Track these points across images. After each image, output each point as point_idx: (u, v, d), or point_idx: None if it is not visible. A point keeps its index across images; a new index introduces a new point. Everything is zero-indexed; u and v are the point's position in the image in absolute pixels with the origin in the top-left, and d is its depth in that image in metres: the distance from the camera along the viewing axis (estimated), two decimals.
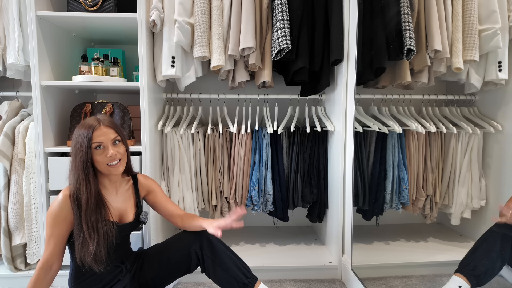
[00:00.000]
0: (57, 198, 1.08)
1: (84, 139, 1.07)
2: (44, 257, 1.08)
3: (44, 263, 1.08)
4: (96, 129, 1.08)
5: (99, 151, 1.09)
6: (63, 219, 1.07)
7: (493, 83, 1.59)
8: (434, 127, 1.69)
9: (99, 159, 1.09)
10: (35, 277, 1.07)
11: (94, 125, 1.09)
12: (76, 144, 1.08)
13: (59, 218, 1.07)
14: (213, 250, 1.22)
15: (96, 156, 1.08)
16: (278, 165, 1.80)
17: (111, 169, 1.11)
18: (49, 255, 1.08)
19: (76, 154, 1.08)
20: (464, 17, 1.54)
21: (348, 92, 1.58)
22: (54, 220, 1.07)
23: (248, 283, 1.20)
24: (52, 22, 1.59)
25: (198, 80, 1.75)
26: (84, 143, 1.06)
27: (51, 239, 1.08)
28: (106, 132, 1.10)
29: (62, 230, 1.08)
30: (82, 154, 1.06)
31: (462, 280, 1.24)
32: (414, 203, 1.83)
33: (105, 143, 1.09)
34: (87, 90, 1.93)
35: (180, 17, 1.50)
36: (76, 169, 1.08)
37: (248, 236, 2.06)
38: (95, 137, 1.08)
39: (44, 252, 1.09)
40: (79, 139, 1.08)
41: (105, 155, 1.09)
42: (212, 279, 1.25)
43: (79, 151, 1.07)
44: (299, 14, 1.56)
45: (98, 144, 1.08)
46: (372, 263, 1.70)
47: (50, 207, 1.08)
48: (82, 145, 1.06)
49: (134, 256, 1.30)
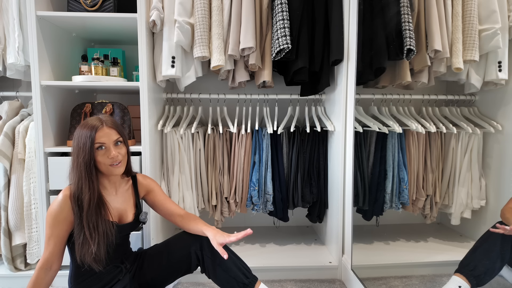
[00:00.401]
0: (57, 198, 1.08)
1: (87, 139, 1.06)
2: (44, 257, 1.08)
3: (44, 263, 1.08)
4: (99, 130, 1.08)
5: (101, 151, 1.09)
6: (64, 219, 1.07)
7: (493, 83, 1.59)
8: (434, 127, 1.69)
9: (101, 160, 1.09)
10: (35, 277, 1.07)
11: (97, 126, 1.09)
12: (78, 144, 1.08)
13: (59, 218, 1.07)
14: (213, 251, 1.20)
15: (98, 157, 1.08)
16: (278, 165, 1.80)
17: (113, 170, 1.11)
18: (49, 255, 1.08)
19: (78, 154, 1.07)
20: (464, 17, 1.54)
21: (348, 92, 1.58)
22: (54, 220, 1.07)
23: (248, 283, 1.20)
24: (52, 22, 1.59)
25: (198, 80, 1.75)
26: (87, 144, 1.06)
27: (51, 239, 1.08)
28: (109, 133, 1.10)
29: (62, 230, 1.08)
30: (85, 155, 1.06)
31: (462, 280, 1.24)
32: (414, 203, 1.83)
33: (107, 144, 1.09)
34: (87, 90, 1.93)
35: (180, 17, 1.50)
36: (78, 169, 1.07)
37: (248, 236, 2.05)
38: (98, 138, 1.08)
39: (44, 252, 1.09)
40: (81, 139, 1.07)
41: (107, 156, 1.09)
42: (212, 279, 1.25)
43: (82, 152, 1.06)
44: (299, 14, 1.56)
45: (101, 145, 1.08)
46: (372, 263, 1.70)
47: (50, 207, 1.08)
48: (85, 145, 1.06)
49: (134, 256, 1.30)
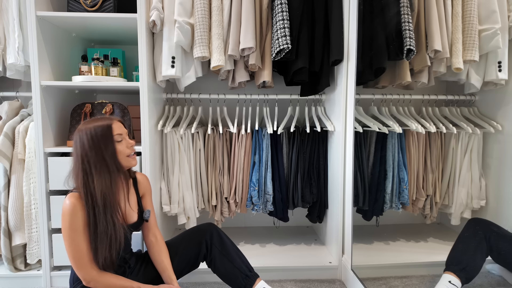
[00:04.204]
0: (66, 209, 1.04)
1: (105, 131, 1.06)
2: (84, 272, 1.06)
3: (89, 274, 1.06)
4: (114, 122, 1.10)
5: (120, 143, 1.10)
6: (80, 225, 1.05)
7: (493, 83, 1.59)
8: (434, 127, 1.69)
9: (122, 149, 1.10)
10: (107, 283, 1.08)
11: (110, 119, 1.11)
12: (94, 141, 1.05)
13: (76, 226, 1.04)
14: (222, 242, 1.31)
15: (118, 146, 1.09)
16: (278, 165, 1.80)
17: (131, 160, 1.13)
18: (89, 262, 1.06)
19: (95, 150, 1.04)
20: (464, 17, 1.53)
21: (348, 92, 1.58)
22: (74, 232, 1.03)
23: (251, 276, 1.27)
24: (52, 22, 1.59)
25: (198, 80, 1.75)
26: (107, 135, 1.06)
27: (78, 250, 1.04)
28: (121, 126, 1.13)
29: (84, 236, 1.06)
30: (107, 147, 1.06)
31: (451, 276, 1.30)
32: (414, 203, 1.83)
33: (124, 135, 1.12)
34: (87, 90, 1.93)
35: (180, 17, 1.50)
36: (97, 168, 1.04)
37: (248, 236, 2.06)
38: (116, 129, 1.09)
39: (80, 268, 1.05)
40: (97, 133, 1.05)
41: (126, 146, 1.11)
42: (216, 270, 1.30)
43: (103, 145, 1.05)
44: (299, 14, 1.56)
45: (120, 135, 1.10)
46: (372, 263, 1.70)
47: (64, 222, 1.04)
48: (105, 138, 1.06)
49: (136, 256, 1.31)
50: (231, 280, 1.28)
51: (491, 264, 1.51)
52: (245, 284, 1.26)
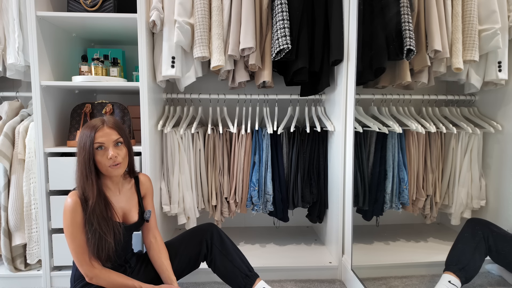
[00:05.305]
0: (67, 206, 1.08)
1: (87, 139, 1.08)
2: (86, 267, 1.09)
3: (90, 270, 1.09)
4: (98, 130, 1.09)
5: (100, 151, 1.10)
6: (80, 221, 1.08)
7: (493, 83, 1.59)
8: (434, 127, 1.69)
9: (100, 160, 1.10)
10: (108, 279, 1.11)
11: (98, 126, 1.10)
12: (80, 144, 1.10)
13: (77, 223, 1.07)
14: (222, 241, 1.32)
15: (98, 157, 1.10)
16: (278, 165, 1.80)
17: (111, 170, 1.11)
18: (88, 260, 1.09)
19: (79, 153, 1.10)
20: (464, 17, 1.53)
21: (348, 92, 1.58)
22: (75, 228, 1.07)
23: (251, 276, 1.28)
24: (52, 22, 1.59)
25: (198, 80, 1.75)
26: (87, 143, 1.08)
27: (80, 247, 1.08)
28: (109, 133, 1.11)
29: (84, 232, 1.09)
30: (85, 154, 1.08)
31: (451, 276, 1.31)
32: (414, 203, 1.83)
33: (107, 144, 1.10)
34: (87, 90, 1.93)
35: (180, 17, 1.50)
36: (79, 168, 1.10)
37: (248, 236, 2.06)
38: (97, 138, 1.09)
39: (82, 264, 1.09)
40: (82, 138, 1.10)
41: (106, 157, 1.09)
42: (216, 269, 1.30)
43: (83, 151, 1.09)
44: (299, 14, 1.56)
45: (100, 145, 1.09)
46: (372, 263, 1.70)
47: (66, 219, 1.07)
48: (85, 144, 1.08)
49: (137, 256, 1.31)
50: (231, 280, 1.29)
51: (491, 264, 1.51)
52: (245, 284, 1.27)
